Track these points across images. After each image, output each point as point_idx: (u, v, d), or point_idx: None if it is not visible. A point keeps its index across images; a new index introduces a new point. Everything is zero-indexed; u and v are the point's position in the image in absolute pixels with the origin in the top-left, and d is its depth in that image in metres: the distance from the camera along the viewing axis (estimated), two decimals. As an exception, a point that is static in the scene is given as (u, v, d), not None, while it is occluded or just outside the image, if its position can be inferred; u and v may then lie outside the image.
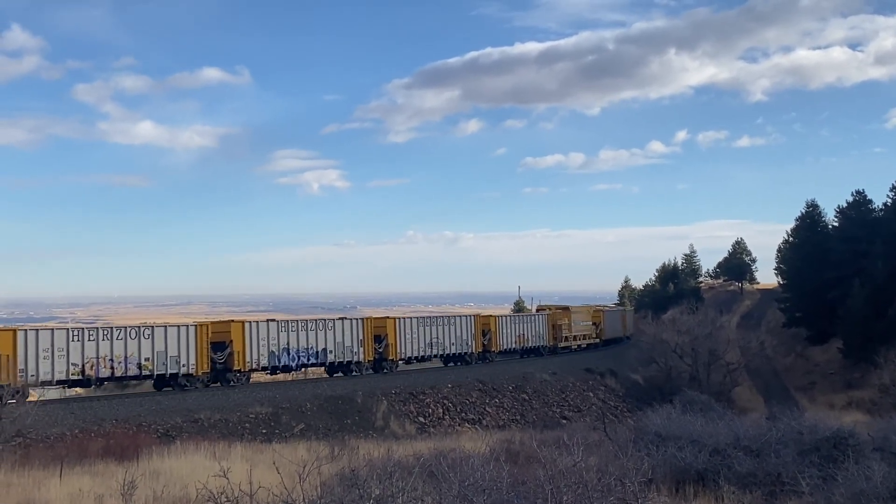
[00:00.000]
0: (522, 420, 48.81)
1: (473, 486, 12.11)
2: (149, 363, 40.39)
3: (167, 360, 40.99)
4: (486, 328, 60.85)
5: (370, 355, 50.44)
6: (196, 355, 42.07)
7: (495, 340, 61.22)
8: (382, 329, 51.95)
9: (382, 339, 51.54)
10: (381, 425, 42.76)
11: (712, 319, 67.76)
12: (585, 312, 77.53)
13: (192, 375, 42.04)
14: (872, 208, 77.50)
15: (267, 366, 45.72)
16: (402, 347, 52.82)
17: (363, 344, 49.99)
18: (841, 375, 67.31)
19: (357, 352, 49.71)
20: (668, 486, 17.83)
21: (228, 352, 43.84)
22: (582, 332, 74.10)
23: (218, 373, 43.75)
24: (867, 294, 63.85)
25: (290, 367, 47.04)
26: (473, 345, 58.72)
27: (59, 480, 19.43)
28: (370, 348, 50.46)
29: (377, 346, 51.13)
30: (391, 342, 51.83)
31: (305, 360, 47.34)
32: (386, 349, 51.52)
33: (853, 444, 20.17)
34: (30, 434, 30.71)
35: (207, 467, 18.79)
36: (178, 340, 41.53)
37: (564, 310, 74.41)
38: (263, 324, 46.05)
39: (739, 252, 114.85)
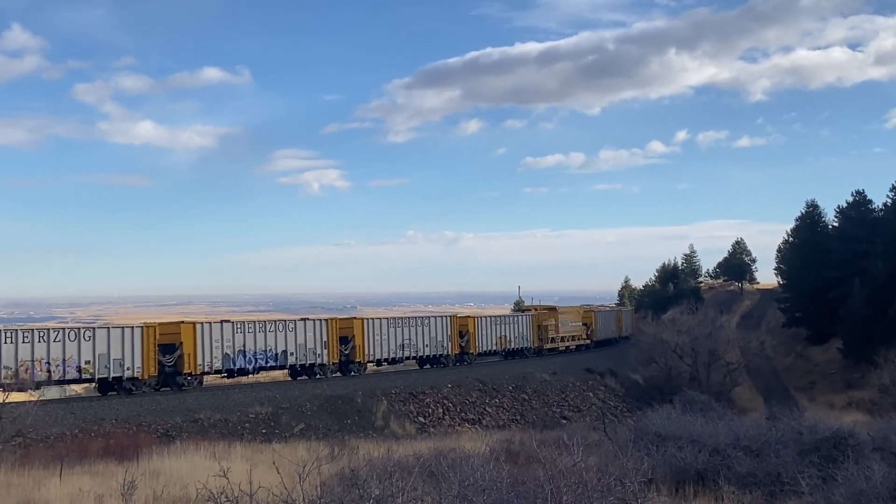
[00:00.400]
0: (522, 420, 48.81)
1: (473, 486, 12.12)
2: (90, 366, 38.59)
3: (110, 363, 39.23)
4: (463, 329, 59.11)
5: (335, 357, 48.83)
6: (142, 358, 40.36)
7: (473, 342, 59.53)
8: (349, 330, 50.38)
9: (349, 340, 49.92)
10: (381, 425, 42.76)
11: (712, 319, 67.75)
12: (574, 313, 75.44)
13: (138, 379, 40.37)
14: (872, 208, 77.54)
15: (221, 369, 43.94)
16: (370, 349, 51.19)
17: (328, 346, 48.31)
18: (841, 375, 67.32)
19: (321, 354, 48.03)
20: (667, 486, 17.85)
21: (178, 354, 42.01)
22: (571, 332, 72.28)
23: (167, 376, 42.04)
24: (867, 294, 63.87)
25: (247, 370, 45.28)
26: (450, 346, 56.97)
27: (59, 480, 19.43)
28: (335, 350, 48.78)
29: (343, 348, 49.50)
30: (358, 344, 50.23)
31: (263, 362, 45.56)
32: (353, 351, 49.97)
33: (853, 444, 20.18)
34: (30, 434, 30.70)
35: (207, 467, 18.80)
36: (121, 342, 39.72)
37: (551, 310, 72.32)
38: (217, 325, 44.31)
39: (739, 252, 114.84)
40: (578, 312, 76.20)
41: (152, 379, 41.12)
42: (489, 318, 63.60)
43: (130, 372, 40.04)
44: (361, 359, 50.40)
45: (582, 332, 74.34)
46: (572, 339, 72.37)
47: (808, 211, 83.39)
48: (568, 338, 71.62)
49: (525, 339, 65.24)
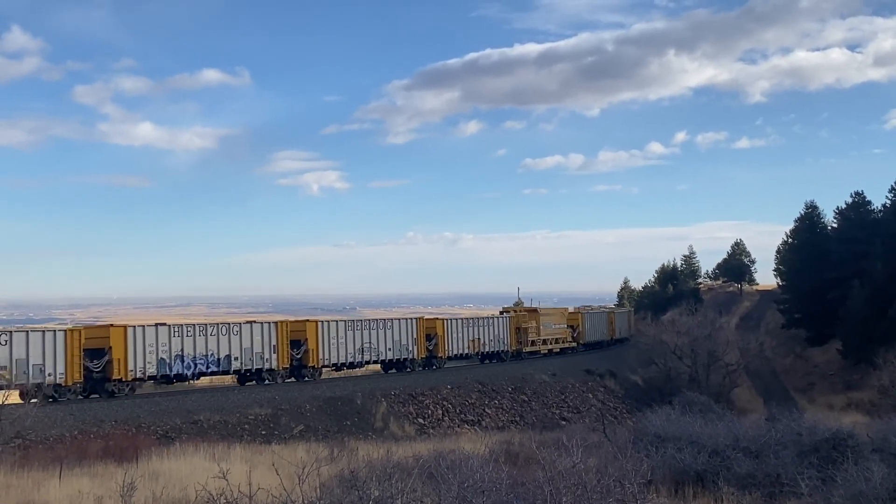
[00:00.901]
0: (522, 421, 48.83)
1: (473, 488, 12.12)
2: (5, 372, 35.96)
3: (29, 369, 36.79)
4: (431, 332, 56.43)
5: (285, 362, 46.49)
6: (65, 363, 38.05)
7: (443, 345, 56.74)
8: (301, 333, 48.12)
9: (302, 344, 47.74)
10: (380, 426, 42.76)
11: (711, 320, 67.81)
12: (559, 315, 72.28)
13: (62, 385, 38.08)
14: (871, 209, 77.62)
15: (156, 374, 41.51)
16: (325, 353, 48.66)
17: (277, 350, 46.01)
18: (840, 376, 67.38)
19: (269, 358, 45.66)
20: (667, 487, 17.86)
21: (107, 359, 39.63)
22: (554, 335, 69.46)
23: (95, 383, 39.84)
24: (866, 295, 63.90)
25: (185, 376, 42.94)
26: (415, 350, 54.32)
27: (59, 482, 19.43)
28: (285, 354, 46.44)
29: (295, 352, 47.28)
30: (312, 347, 47.93)
31: (204, 367, 43.13)
32: (305, 355, 47.72)
33: (852, 445, 20.18)
34: (29, 435, 30.73)
35: (207, 469, 18.81)
36: (42, 347, 37.45)
37: (531, 312, 68.84)
38: (151, 328, 41.89)
39: (739, 253, 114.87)
40: (563, 314, 73.24)
41: (77, 385, 38.84)
42: (460, 321, 60.35)
43: (52, 378, 37.67)
44: (315, 363, 48.26)
45: (567, 334, 71.42)
46: (556, 341, 69.76)
47: (808, 212, 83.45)
48: (551, 340, 68.96)
49: (501, 341, 62.38)
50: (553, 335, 69.22)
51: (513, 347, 63.29)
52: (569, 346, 71.46)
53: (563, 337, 70.54)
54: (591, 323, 76.74)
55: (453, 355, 58.09)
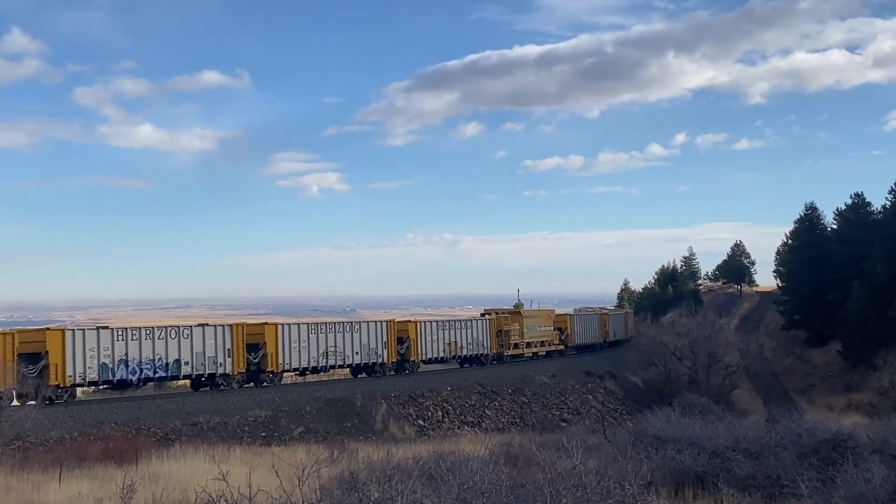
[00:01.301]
0: (522, 423, 48.86)
1: (473, 489, 12.12)
2: None
3: None
4: (403, 335, 53.79)
5: (241, 366, 44.07)
6: None
7: (415, 349, 54.06)
8: (259, 337, 45.71)
9: (260, 348, 45.32)
10: (380, 428, 42.79)
11: (711, 322, 67.80)
12: (544, 317, 69.51)
13: None
14: (871, 211, 77.61)
15: (97, 380, 39.54)
16: (285, 357, 46.24)
17: (232, 354, 43.55)
18: (840, 378, 67.36)
19: (223, 363, 43.18)
20: (667, 488, 17.85)
21: (43, 364, 37.50)
22: (539, 338, 66.83)
23: None
24: (866, 296, 63.90)
25: (130, 382, 40.96)
26: (385, 354, 51.69)
27: (59, 484, 19.44)
28: (241, 359, 43.97)
29: (252, 356, 44.84)
30: (271, 351, 45.53)
31: (151, 372, 40.96)
32: (264, 359, 45.39)
33: (852, 446, 20.18)
34: (29, 437, 30.76)
35: (207, 470, 18.81)
36: None
37: (514, 314, 66.28)
38: (92, 332, 39.71)
39: (738, 254, 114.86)
40: (549, 316, 70.57)
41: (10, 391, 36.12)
42: (435, 323, 57.40)
43: None
44: (274, 368, 45.80)
45: (554, 336, 68.99)
46: (541, 344, 67.30)
47: (807, 213, 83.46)
48: (536, 343, 66.46)
49: (481, 345, 60.10)
50: (538, 338, 66.92)
51: (493, 351, 61.34)
52: (556, 349, 69.22)
53: (549, 340, 68.38)
54: (581, 325, 74.46)
55: (427, 359, 55.77)
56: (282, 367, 46.19)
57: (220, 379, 43.29)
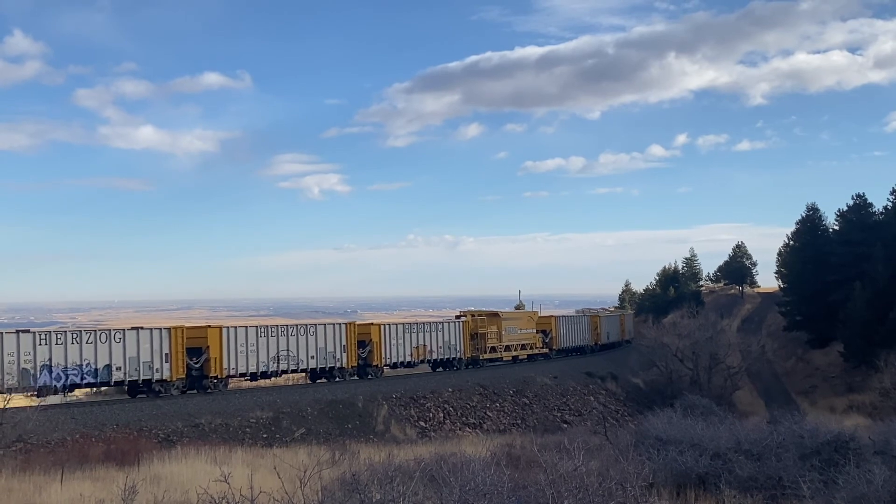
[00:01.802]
0: (523, 424, 48.85)
1: (474, 491, 12.12)
2: None
3: None
4: (364, 338, 51.30)
5: (180, 372, 41.75)
6: None
7: (378, 352, 51.53)
8: (202, 340, 43.24)
9: (203, 352, 42.91)
10: (381, 430, 42.80)
11: (713, 323, 67.87)
12: (525, 319, 67.53)
13: None
14: (873, 212, 77.55)
15: (17, 386, 37.47)
16: (231, 362, 43.81)
17: (170, 359, 41.25)
18: (842, 379, 67.30)
19: (160, 368, 40.83)
20: (669, 490, 17.84)
21: None
22: (520, 340, 64.67)
23: None
24: (868, 297, 63.85)
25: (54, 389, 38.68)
26: (345, 358, 49.19)
27: (60, 485, 19.44)
28: (180, 364, 41.70)
29: (193, 361, 42.60)
30: (214, 356, 43.05)
31: (77, 378, 38.64)
32: (206, 364, 42.94)
33: (854, 447, 20.18)
34: (31, 439, 30.77)
35: (208, 472, 18.81)
36: None
37: (492, 316, 63.52)
38: (11, 335, 37.43)
39: (740, 255, 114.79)
40: (532, 318, 68.56)
41: None
42: (402, 326, 55.01)
43: None
44: (218, 373, 43.28)
45: (536, 340, 66.71)
46: (522, 347, 64.99)
47: (809, 214, 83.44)
48: (516, 346, 64.15)
49: (453, 348, 57.60)
50: (519, 341, 64.61)
51: (467, 354, 58.85)
52: (539, 352, 66.82)
53: (531, 343, 66.11)
54: (568, 328, 72.19)
55: (393, 363, 53.28)
56: (227, 372, 43.78)
57: (157, 385, 40.88)
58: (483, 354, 60.31)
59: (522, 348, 65.07)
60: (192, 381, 42.83)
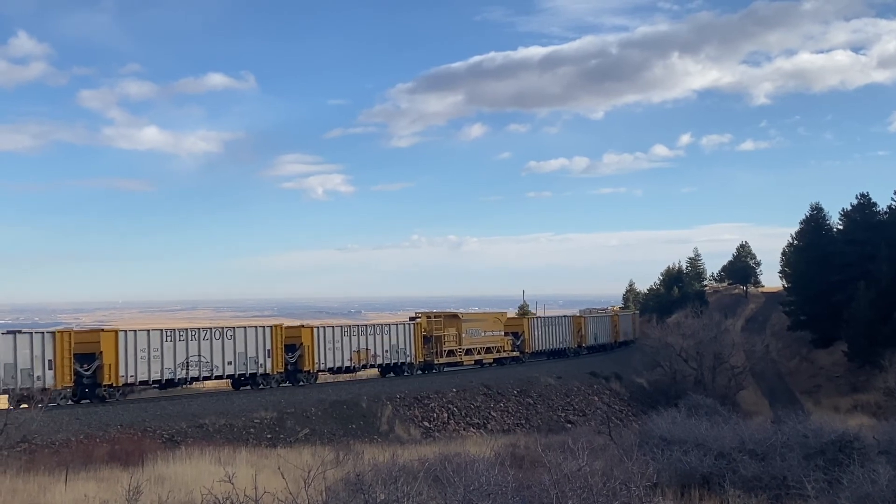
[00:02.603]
0: (527, 424, 48.83)
1: (478, 491, 12.12)
2: None
3: None
4: (294, 342, 47.65)
5: (67, 380, 38.23)
6: None
7: (310, 357, 47.68)
8: (95, 346, 39.87)
9: (96, 358, 39.51)
10: (385, 430, 42.80)
11: (717, 323, 67.69)
12: (492, 321, 63.08)
13: None
14: (877, 211, 77.47)
15: None
16: (129, 369, 40.32)
17: (55, 366, 37.76)
18: (846, 379, 67.23)
19: (41, 376, 37.25)
20: (673, 489, 17.83)
21: None
22: (484, 343, 60.88)
23: None
24: (872, 297, 63.78)
25: None
26: (269, 364, 45.63)
27: (65, 486, 19.46)
28: (66, 371, 38.19)
29: (84, 368, 39.16)
30: (109, 363, 39.61)
31: None
32: (100, 371, 39.53)
33: (858, 447, 20.15)
34: (35, 439, 30.80)
35: (212, 472, 18.80)
36: None
37: (451, 317, 59.61)
38: None
39: (744, 255, 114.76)
40: (498, 320, 64.00)
41: None
42: (339, 328, 51.00)
43: None
44: (114, 381, 39.90)
45: (505, 342, 62.79)
46: (487, 351, 61.21)
47: (813, 214, 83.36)
48: (479, 350, 60.34)
49: (402, 352, 53.50)
50: (483, 344, 60.61)
51: (420, 359, 54.72)
52: (508, 355, 62.99)
53: (499, 346, 62.08)
54: (544, 330, 68.50)
55: (329, 369, 49.65)
56: (124, 379, 40.32)
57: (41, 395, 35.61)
58: (438, 358, 56.37)
59: (487, 351, 61.50)
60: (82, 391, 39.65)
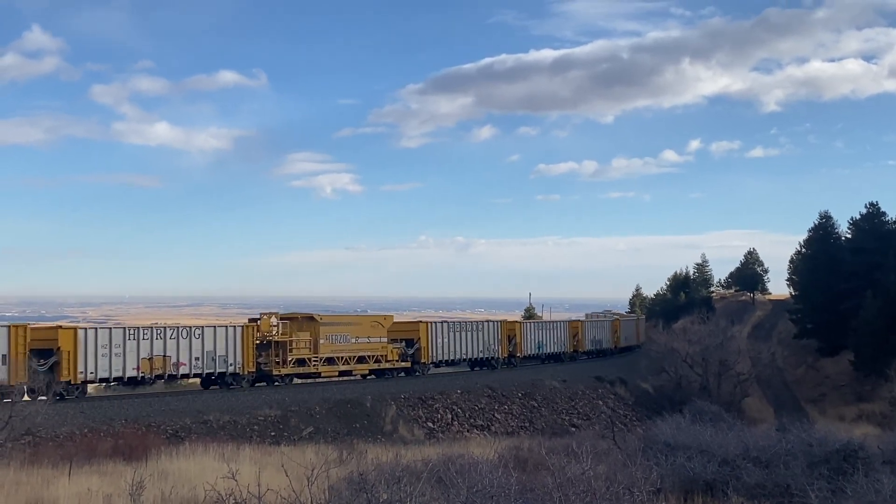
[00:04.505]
0: (531, 427, 48.80)
1: (481, 493, 12.11)
2: None
3: None
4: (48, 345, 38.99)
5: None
6: None
7: (70, 365, 38.49)
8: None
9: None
10: (389, 430, 42.80)
11: (723, 329, 67.59)
12: (368, 325, 52.32)
13: None
14: (886, 220, 77.33)
15: None
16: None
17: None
18: (852, 388, 67.05)
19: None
20: (676, 495, 17.78)
21: None
22: (357, 351, 50.11)
23: None
24: (879, 306, 63.58)
25: None
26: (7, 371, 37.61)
27: (68, 479, 19.49)
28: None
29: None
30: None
31: None
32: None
33: (863, 456, 20.06)
34: (39, 432, 30.86)
35: (216, 469, 18.81)
36: None
37: (307, 320, 49.52)
38: None
39: (752, 262, 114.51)
40: (379, 324, 52.79)
41: None
42: (122, 330, 41.65)
43: None
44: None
45: (390, 351, 52.09)
46: (361, 360, 50.70)
47: (822, 222, 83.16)
48: (348, 359, 49.73)
49: (221, 360, 43.14)
50: (354, 352, 50.09)
51: (249, 369, 44.44)
52: (394, 366, 52.51)
53: (379, 354, 51.55)
54: (453, 337, 56.79)
55: (103, 379, 40.53)
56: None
57: None
58: (280, 368, 46.26)
59: (361, 361, 50.83)
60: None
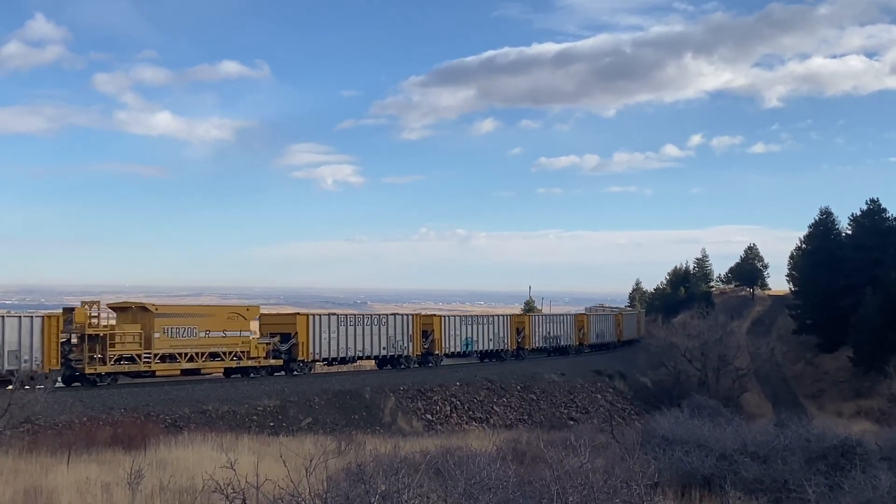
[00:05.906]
0: (530, 420, 48.84)
1: (479, 485, 12.12)
2: None
3: None
4: None
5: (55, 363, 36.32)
6: None
7: None
8: None
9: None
10: (388, 421, 42.84)
11: (723, 324, 67.69)
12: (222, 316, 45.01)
13: None
14: (886, 217, 77.34)
15: None
16: None
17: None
18: (850, 384, 67.12)
19: None
20: (674, 489, 17.82)
21: None
22: (206, 347, 43.00)
23: None
24: (879, 303, 63.62)
25: None
26: None
27: (67, 467, 19.51)
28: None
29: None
30: None
31: None
32: None
33: (861, 452, 20.09)
34: (38, 420, 30.84)
35: (214, 458, 18.83)
36: None
37: (140, 310, 42.59)
38: None
39: (752, 258, 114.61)
40: (239, 315, 45.74)
41: None
42: None
43: None
44: None
45: (253, 346, 45.00)
46: (214, 356, 43.70)
47: (822, 218, 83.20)
48: (193, 355, 42.57)
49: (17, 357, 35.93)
50: (202, 347, 43.04)
51: (52, 365, 37.16)
52: (258, 364, 45.29)
53: (240, 350, 44.56)
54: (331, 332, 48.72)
55: None
56: None
57: None
58: (96, 367, 39.17)
59: (214, 357, 44.01)
60: None
